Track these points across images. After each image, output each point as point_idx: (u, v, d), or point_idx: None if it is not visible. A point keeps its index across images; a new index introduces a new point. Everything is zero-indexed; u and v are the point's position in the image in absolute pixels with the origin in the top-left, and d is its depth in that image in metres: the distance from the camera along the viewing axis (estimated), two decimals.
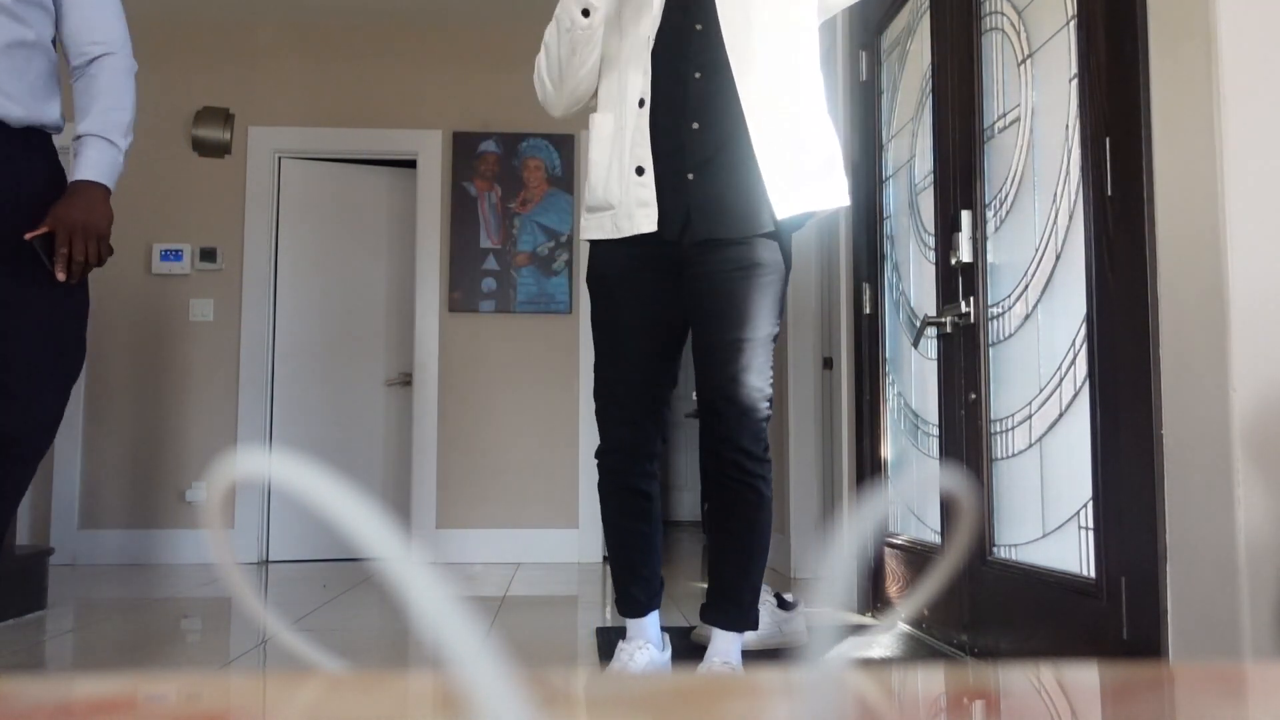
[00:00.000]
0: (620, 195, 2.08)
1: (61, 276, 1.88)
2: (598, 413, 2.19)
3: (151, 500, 4.95)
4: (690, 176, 2.06)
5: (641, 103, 2.07)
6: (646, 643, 2.18)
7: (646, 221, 2.06)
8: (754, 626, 2.19)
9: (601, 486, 2.21)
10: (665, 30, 2.09)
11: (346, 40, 5.25)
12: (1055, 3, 2.25)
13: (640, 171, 2.06)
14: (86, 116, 1.96)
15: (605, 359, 2.18)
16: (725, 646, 2.14)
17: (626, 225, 2.08)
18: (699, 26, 2.08)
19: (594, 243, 2.17)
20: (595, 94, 2.21)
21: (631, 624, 2.22)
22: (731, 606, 2.15)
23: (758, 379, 2.06)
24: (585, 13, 2.04)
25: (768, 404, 2.09)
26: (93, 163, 1.93)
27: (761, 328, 2.06)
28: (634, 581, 2.21)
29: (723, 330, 2.06)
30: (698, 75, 2.07)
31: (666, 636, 2.28)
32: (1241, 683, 0.42)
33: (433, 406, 5.05)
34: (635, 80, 2.08)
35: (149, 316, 5.02)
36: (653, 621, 2.22)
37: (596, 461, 2.21)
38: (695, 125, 2.06)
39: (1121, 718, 0.37)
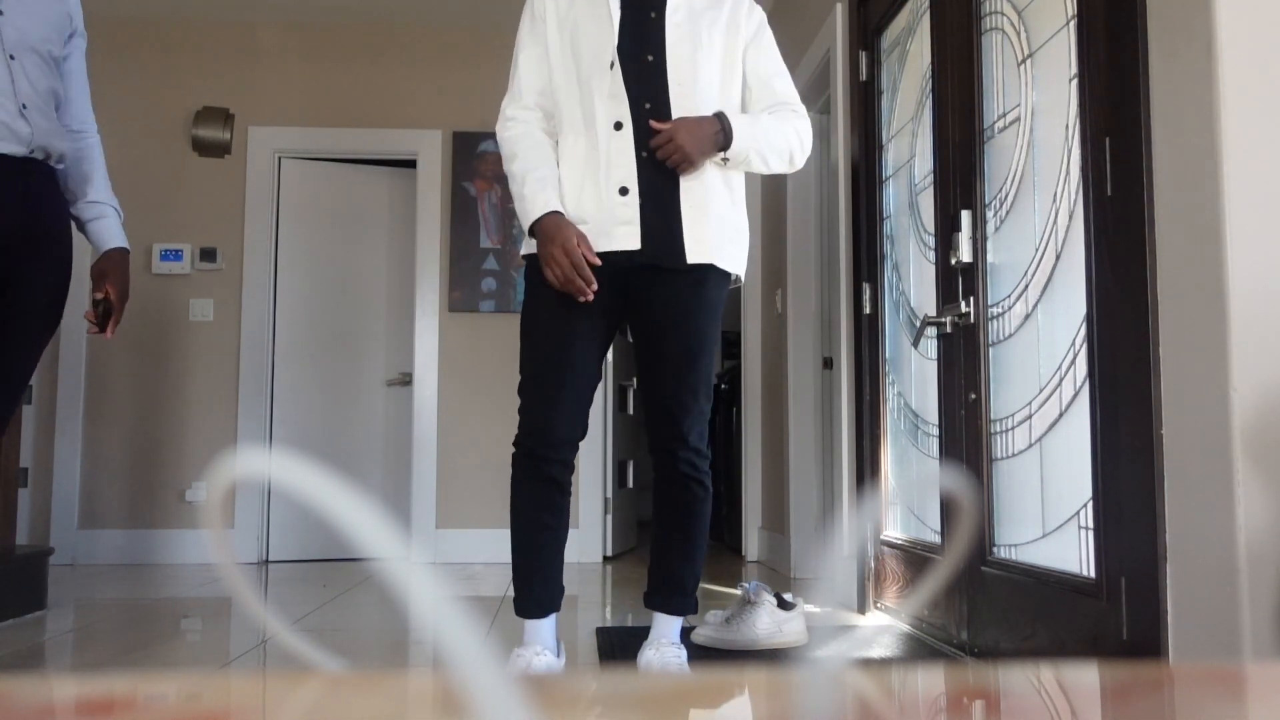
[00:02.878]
0: (596, 213, 2.15)
1: (110, 335, 2.33)
2: (525, 397, 2.19)
3: (151, 500, 4.95)
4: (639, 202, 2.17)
5: (619, 125, 2.16)
6: (544, 649, 2.17)
7: (629, 239, 2.14)
8: (695, 610, 2.29)
9: (517, 473, 2.20)
10: (621, 59, 2.18)
11: (346, 40, 5.25)
12: (1055, 3, 2.25)
13: (624, 191, 2.15)
14: (93, 185, 2.35)
15: (543, 351, 2.18)
16: (668, 629, 2.27)
17: (605, 242, 2.14)
18: (650, 58, 2.19)
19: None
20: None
21: (529, 627, 2.20)
22: (678, 594, 2.26)
23: (706, 386, 2.22)
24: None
25: (710, 405, 2.26)
26: (118, 232, 2.36)
27: (708, 342, 2.21)
28: (538, 579, 2.20)
29: (675, 346, 2.19)
30: (648, 105, 2.17)
31: (563, 644, 2.28)
32: (1241, 683, 0.42)
33: (432, 406, 5.05)
34: (603, 105, 2.16)
35: (149, 316, 5.02)
36: (550, 626, 2.21)
37: (514, 449, 2.20)
38: (644, 154, 2.15)
39: (1121, 718, 0.37)
